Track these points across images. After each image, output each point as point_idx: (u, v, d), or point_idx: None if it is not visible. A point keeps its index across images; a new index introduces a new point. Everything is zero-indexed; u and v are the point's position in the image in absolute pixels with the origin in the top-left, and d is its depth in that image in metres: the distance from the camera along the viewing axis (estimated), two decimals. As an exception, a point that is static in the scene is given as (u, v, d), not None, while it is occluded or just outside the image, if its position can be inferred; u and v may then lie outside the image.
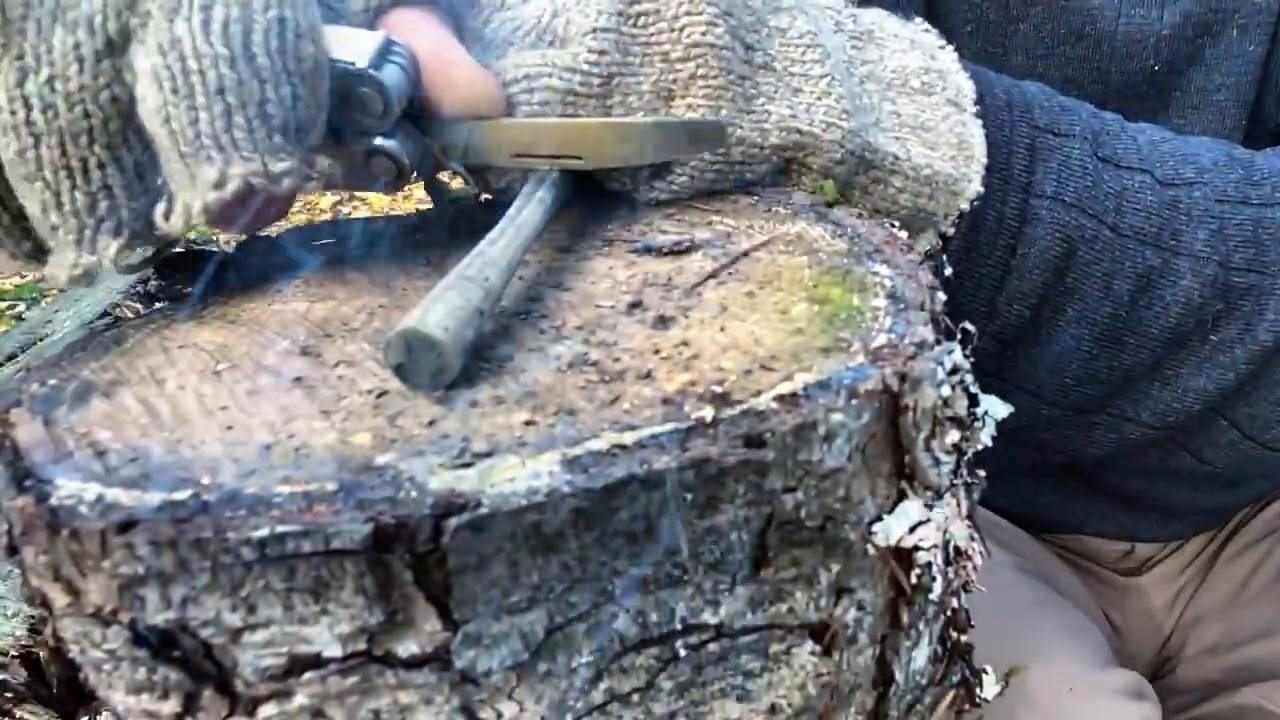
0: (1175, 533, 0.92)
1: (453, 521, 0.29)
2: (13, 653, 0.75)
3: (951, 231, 0.53)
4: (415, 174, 0.47)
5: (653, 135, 0.45)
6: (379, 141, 0.44)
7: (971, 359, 0.37)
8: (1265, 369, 0.58)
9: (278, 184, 0.39)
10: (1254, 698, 0.81)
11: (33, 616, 0.78)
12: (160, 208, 0.41)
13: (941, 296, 0.39)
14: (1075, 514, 0.91)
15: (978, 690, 0.44)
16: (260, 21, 0.39)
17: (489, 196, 0.50)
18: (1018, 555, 0.88)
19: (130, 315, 0.46)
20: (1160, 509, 0.88)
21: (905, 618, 0.38)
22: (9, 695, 0.73)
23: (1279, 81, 0.75)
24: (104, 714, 0.35)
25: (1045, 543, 0.94)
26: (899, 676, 0.39)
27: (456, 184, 0.50)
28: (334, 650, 0.31)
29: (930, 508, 0.36)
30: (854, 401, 0.33)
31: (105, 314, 0.46)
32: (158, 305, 0.46)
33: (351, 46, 0.43)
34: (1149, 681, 0.82)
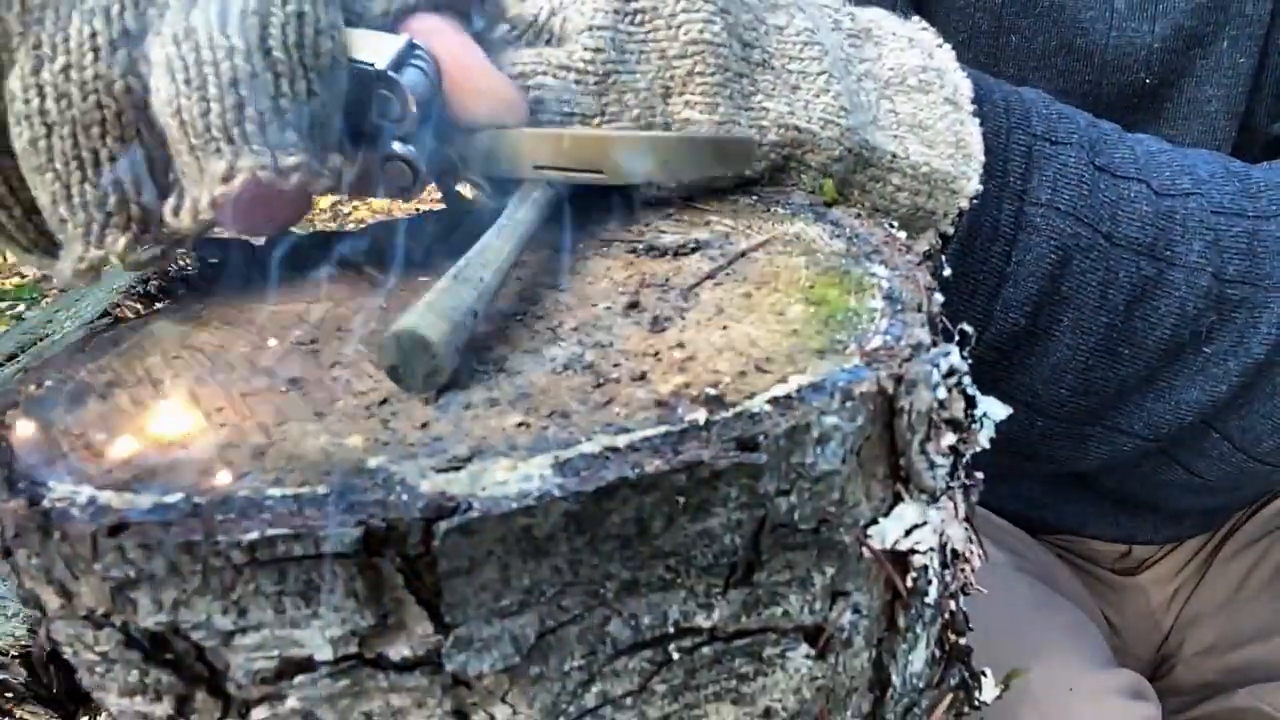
0: (1172, 535, 0.92)
1: (443, 525, 0.29)
2: (13, 653, 0.75)
3: (951, 231, 0.52)
4: (430, 182, 0.45)
5: (681, 151, 0.44)
6: (395, 147, 0.42)
7: (970, 362, 0.37)
8: (1258, 382, 0.58)
9: (286, 179, 0.39)
10: (1251, 700, 0.81)
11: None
12: (170, 203, 0.40)
13: (939, 298, 0.39)
14: (1073, 515, 0.91)
15: (976, 693, 0.44)
16: (278, 15, 0.39)
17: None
18: (1016, 555, 0.88)
19: (130, 315, 0.45)
20: (1157, 511, 0.88)
21: (902, 621, 0.38)
22: (9, 695, 0.73)
23: (1271, 93, 0.74)
24: (104, 714, 0.35)
25: (1043, 543, 0.93)
26: (896, 680, 0.39)
27: (469, 191, 0.50)
28: (325, 653, 0.31)
29: (926, 511, 0.36)
30: (848, 404, 0.33)
31: (105, 314, 0.45)
32: (157, 306, 0.46)
33: (372, 48, 0.41)
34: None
